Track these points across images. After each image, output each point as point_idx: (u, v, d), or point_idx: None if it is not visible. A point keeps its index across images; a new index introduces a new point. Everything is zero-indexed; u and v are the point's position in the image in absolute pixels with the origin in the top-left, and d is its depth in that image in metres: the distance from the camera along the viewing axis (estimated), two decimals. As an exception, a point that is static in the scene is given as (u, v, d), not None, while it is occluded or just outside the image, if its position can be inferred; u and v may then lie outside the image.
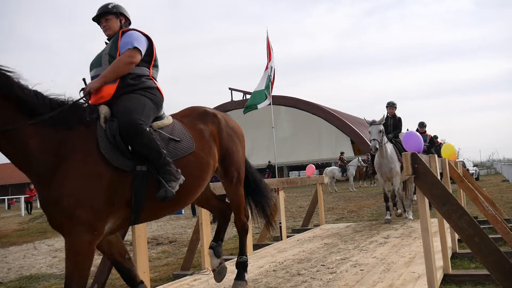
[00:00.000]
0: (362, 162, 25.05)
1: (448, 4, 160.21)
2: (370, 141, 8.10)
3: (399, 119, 9.09)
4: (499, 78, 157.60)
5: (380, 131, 7.98)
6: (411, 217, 8.63)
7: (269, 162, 28.67)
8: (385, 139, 8.26)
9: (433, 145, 12.12)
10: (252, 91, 9.95)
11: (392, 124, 9.04)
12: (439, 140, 16.09)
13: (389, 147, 8.39)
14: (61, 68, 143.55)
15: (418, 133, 7.55)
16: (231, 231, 11.14)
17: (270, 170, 27.48)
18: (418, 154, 3.22)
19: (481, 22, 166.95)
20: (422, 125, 12.44)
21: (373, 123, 8.17)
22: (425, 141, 11.19)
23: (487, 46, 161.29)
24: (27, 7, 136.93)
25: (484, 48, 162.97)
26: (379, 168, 8.46)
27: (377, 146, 7.88)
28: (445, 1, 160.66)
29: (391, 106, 9.12)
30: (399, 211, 8.65)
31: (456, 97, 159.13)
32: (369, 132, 8.16)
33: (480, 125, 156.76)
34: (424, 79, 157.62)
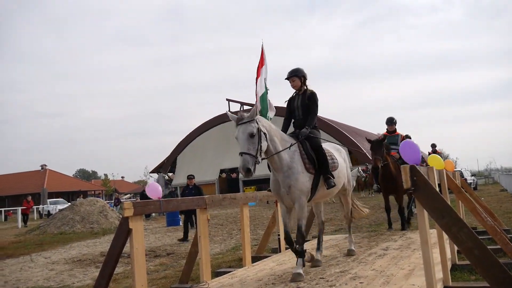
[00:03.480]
0: (361, 172, 25.06)
1: (441, 15, 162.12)
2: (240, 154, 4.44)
3: (312, 96, 5.42)
4: (494, 87, 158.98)
5: (253, 135, 4.45)
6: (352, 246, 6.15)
7: None
8: (276, 144, 4.79)
9: None
10: (249, 102, 10.01)
11: (300, 105, 5.47)
12: (437, 149, 16.07)
13: (288, 152, 4.89)
14: (59, 78, 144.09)
15: (415, 143, 4.45)
16: (229, 242, 11.08)
17: None
18: (416, 166, 3.22)
19: (474, 32, 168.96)
20: (390, 122, 9.43)
21: (240, 120, 4.55)
22: (395, 143, 9.34)
23: (481, 56, 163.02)
24: (22, 17, 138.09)
25: (478, 58, 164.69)
26: (274, 187, 5.06)
27: (250, 166, 4.32)
28: (437, 12, 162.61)
29: (293, 76, 5.50)
30: (311, 256, 5.51)
31: (452, 106, 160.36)
32: (236, 138, 4.58)
33: (476, 134, 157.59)
34: (419, 89, 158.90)
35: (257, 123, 4.57)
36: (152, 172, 51.72)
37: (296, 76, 5.50)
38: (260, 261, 6.35)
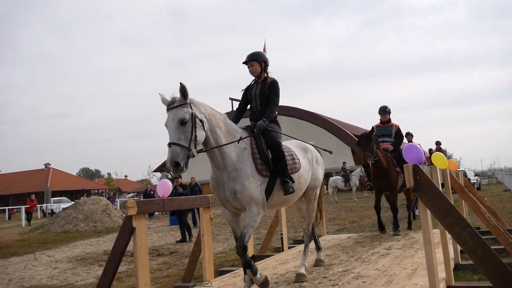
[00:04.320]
0: (364, 172, 25.02)
1: (445, 16, 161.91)
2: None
3: (273, 84, 4.60)
4: (498, 87, 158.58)
5: (184, 121, 3.65)
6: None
7: None
8: (218, 136, 3.95)
9: (401, 140, 8.55)
10: None
11: (259, 94, 4.64)
12: (442, 147, 15.92)
13: (236, 149, 4.06)
14: (63, 79, 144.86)
15: (418, 145, 4.50)
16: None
17: None
18: (420, 166, 3.22)
19: (478, 33, 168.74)
20: (383, 111, 8.52)
21: (170, 104, 3.74)
22: (388, 134, 8.46)
23: (485, 57, 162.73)
24: (24, 19, 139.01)
25: (482, 58, 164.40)
26: (214, 187, 4.20)
27: (179, 160, 3.52)
28: (442, 13, 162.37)
29: (252, 60, 4.65)
30: None
31: (456, 107, 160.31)
32: (165, 125, 3.78)
33: (480, 134, 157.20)
34: (423, 90, 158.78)
35: (192, 108, 3.74)
36: (155, 171, 51.81)
37: (255, 60, 4.67)
38: (262, 260, 6.36)
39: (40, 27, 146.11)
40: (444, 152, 14.87)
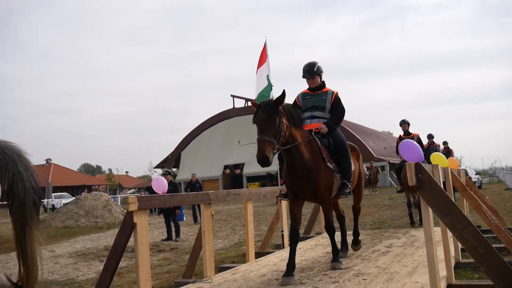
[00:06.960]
0: (365, 170, 25.00)
1: (448, 14, 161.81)
2: None
3: None
4: (501, 86, 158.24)
5: None
6: None
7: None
8: None
9: (340, 115, 5.33)
10: (253, 97, 9.77)
11: None
12: (441, 144, 15.59)
13: None
14: (64, 76, 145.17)
15: (416, 143, 4.02)
16: (233, 238, 11.10)
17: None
18: (422, 164, 3.21)
19: (481, 31, 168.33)
20: (309, 71, 5.21)
21: None
22: (321, 106, 5.27)
23: (488, 55, 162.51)
24: (28, 15, 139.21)
25: (485, 57, 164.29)
26: None
27: None
28: (444, 11, 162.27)
29: None
30: None
31: (458, 105, 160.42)
32: None
33: (482, 133, 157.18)
34: (425, 88, 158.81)
35: None
36: (156, 167, 51.90)
37: None
38: (263, 257, 6.37)
39: (43, 24, 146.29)
40: (438, 147, 14.07)
